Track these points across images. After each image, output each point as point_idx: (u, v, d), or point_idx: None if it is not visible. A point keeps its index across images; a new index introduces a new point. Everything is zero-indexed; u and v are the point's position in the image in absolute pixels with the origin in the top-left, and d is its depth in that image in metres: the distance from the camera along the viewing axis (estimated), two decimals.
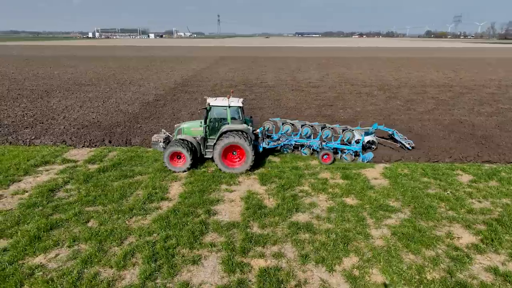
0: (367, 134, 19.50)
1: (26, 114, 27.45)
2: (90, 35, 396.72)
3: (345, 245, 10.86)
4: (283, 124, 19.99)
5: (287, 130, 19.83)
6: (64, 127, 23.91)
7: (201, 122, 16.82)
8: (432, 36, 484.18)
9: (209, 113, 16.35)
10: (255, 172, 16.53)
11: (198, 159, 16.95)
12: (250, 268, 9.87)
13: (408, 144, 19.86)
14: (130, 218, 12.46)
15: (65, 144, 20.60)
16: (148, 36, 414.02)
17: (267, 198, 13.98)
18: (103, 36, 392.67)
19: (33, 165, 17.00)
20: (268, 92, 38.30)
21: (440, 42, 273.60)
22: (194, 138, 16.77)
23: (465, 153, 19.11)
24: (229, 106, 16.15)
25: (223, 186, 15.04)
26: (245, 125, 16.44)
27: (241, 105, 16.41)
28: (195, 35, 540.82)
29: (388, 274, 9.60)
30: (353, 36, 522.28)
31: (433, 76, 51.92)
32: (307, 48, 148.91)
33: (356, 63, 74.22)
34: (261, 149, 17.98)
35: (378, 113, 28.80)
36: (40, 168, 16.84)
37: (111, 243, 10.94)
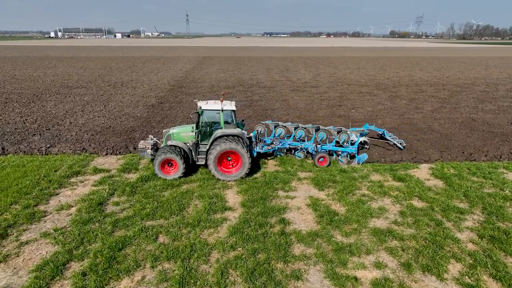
0: (362, 135, 19.34)
1: (26, 120, 25.49)
2: (52, 34, 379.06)
3: (440, 250, 10.58)
4: (275, 127, 19.42)
5: (280, 133, 19.21)
6: (75, 133, 22.37)
7: (192, 127, 15.86)
8: (396, 36, 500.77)
9: (201, 117, 15.51)
10: (306, 176, 16.01)
11: (190, 166, 16.05)
12: (359, 280, 9.36)
13: (400, 143, 19.84)
14: (201, 231, 11.61)
15: (86, 152, 19.19)
16: (115, 36, 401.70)
17: (333, 203, 13.51)
18: (66, 36, 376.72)
19: (64, 176, 15.65)
20: (270, 93, 37.81)
21: (406, 42, 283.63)
22: (185, 144, 15.85)
23: (498, 151, 19.46)
24: (222, 110, 15.28)
25: (281, 193, 14.42)
26: (239, 129, 15.66)
27: (234, 108, 15.55)
28: (162, 35, 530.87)
29: (505, 280, 9.38)
30: (321, 36, 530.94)
31: (421, 75, 53.33)
32: (284, 48, 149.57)
33: (340, 63, 75.14)
34: (255, 154, 17.27)
35: (391, 112, 29.02)
36: (73, 180, 15.53)
37: (197, 260, 10.09)
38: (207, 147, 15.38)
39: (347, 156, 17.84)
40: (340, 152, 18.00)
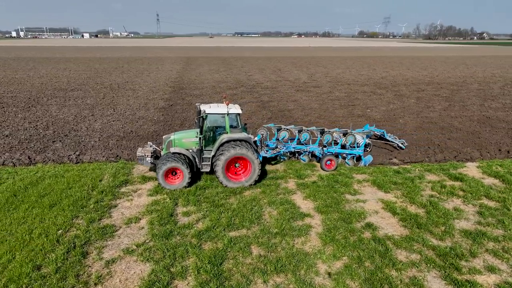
0: (368, 136, 19.17)
1: (35, 126, 23.87)
2: (14, 34, 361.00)
3: None
4: (278, 130, 18.64)
5: (284, 137, 18.45)
6: (98, 139, 21.14)
7: (196, 133, 14.76)
8: (365, 36, 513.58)
9: (205, 122, 14.64)
10: (364, 178, 15.79)
11: (195, 174, 15.06)
12: (483, 286, 9.18)
13: (401, 143, 19.83)
14: (292, 240, 11.11)
15: (120, 158, 18.12)
16: (82, 36, 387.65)
17: (407, 206, 13.35)
18: (29, 36, 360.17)
19: (113, 186, 14.65)
20: (276, 93, 37.47)
21: (377, 41, 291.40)
22: (187, 150, 14.92)
23: None
24: (228, 114, 14.51)
25: (349, 197, 14.11)
26: (245, 134, 14.87)
27: (240, 111, 14.85)
28: (132, 35, 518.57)
29: None
30: (292, 36, 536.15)
31: (412, 74, 54.62)
32: (263, 48, 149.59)
33: (327, 63, 75.89)
34: (260, 159, 15.95)
35: (406, 111, 29.40)
36: (124, 189, 14.56)
37: (307, 272, 9.59)
38: (212, 153, 14.58)
39: (354, 158, 17.53)
40: (345, 155, 17.58)
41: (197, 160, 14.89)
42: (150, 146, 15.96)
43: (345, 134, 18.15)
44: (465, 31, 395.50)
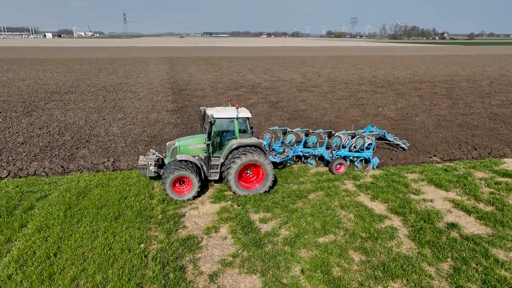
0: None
1: (48, 132, 22.38)
2: None
3: None
4: (284, 133, 17.87)
5: (291, 140, 17.63)
6: (125, 145, 20.10)
7: (204, 139, 13.81)
8: (333, 36, 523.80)
9: (213, 126, 13.74)
10: (418, 178, 15.86)
11: (203, 183, 14.15)
12: None
13: (403, 143, 19.65)
14: (385, 243, 10.91)
15: None
16: (45, 35, 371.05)
17: (475, 203, 13.49)
18: None
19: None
20: (279, 93, 37.26)
21: (346, 41, 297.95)
22: (194, 157, 14.04)
23: None
24: (237, 118, 13.68)
25: (414, 197, 14.10)
26: (255, 139, 14.11)
27: (250, 115, 14.00)
28: (97, 35, 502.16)
29: None
30: (262, 36, 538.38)
31: (399, 73, 56.01)
32: (241, 47, 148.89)
33: (312, 62, 76.54)
34: None
35: (418, 109, 29.99)
36: None
37: (421, 277, 9.41)
38: (221, 160, 13.83)
39: (362, 161, 17.14)
40: (353, 158, 17.03)
41: (204, 167, 13.97)
42: (153, 153, 14.95)
43: (353, 136, 17.53)
44: (427, 31, 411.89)
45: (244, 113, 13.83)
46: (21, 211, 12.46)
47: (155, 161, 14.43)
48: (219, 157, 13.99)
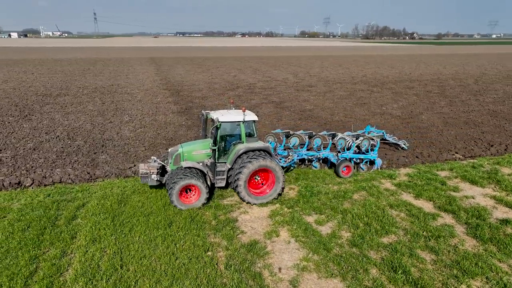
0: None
1: (56, 137, 21.34)
2: None
3: None
4: (287, 136, 17.46)
5: (295, 143, 17.22)
6: (145, 149, 19.43)
7: (210, 144, 13.23)
8: (306, 36, 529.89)
9: (219, 131, 13.18)
10: (450, 175, 16.15)
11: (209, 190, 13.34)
12: None
13: (403, 143, 19.66)
14: (448, 241, 11.00)
15: None
16: (9, 35, 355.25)
17: None
18: None
19: (211, 199, 13.51)
20: (279, 93, 37.21)
21: (321, 41, 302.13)
22: (199, 163, 13.49)
23: None
24: (244, 121, 13.17)
25: (454, 194, 14.32)
26: (262, 142, 13.68)
27: (256, 118, 13.47)
28: (66, 35, 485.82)
29: None
30: (236, 36, 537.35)
31: (387, 73, 57.20)
32: (219, 47, 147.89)
33: (297, 62, 77.04)
34: None
35: (420, 108, 30.67)
36: (226, 202, 13.53)
37: (500, 275, 9.52)
38: (228, 166, 13.21)
39: (367, 163, 16.93)
40: (359, 160, 16.76)
41: (210, 174, 13.40)
42: (155, 161, 14.03)
43: (357, 138, 17.16)
44: (398, 31, 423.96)
45: (251, 116, 13.32)
46: (65, 221, 11.78)
47: (157, 169, 13.50)
48: (225, 162, 13.37)
